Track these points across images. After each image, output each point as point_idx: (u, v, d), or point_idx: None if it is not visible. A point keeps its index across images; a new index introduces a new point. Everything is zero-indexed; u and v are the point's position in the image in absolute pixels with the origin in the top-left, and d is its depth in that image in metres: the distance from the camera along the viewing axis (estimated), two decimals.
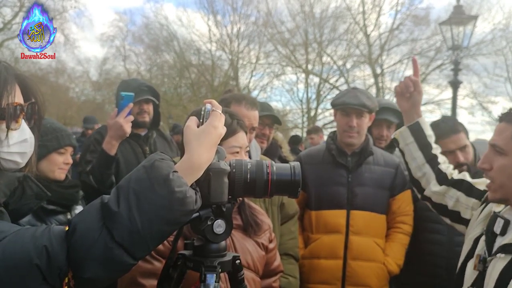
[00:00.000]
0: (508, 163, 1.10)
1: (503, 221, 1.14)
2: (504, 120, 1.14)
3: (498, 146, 1.12)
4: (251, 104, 1.73)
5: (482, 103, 18.07)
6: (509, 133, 1.11)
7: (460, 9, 7.06)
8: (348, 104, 2.01)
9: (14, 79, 0.82)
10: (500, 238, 1.14)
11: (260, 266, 1.23)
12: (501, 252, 1.10)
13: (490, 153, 1.16)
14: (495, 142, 1.13)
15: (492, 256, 1.12)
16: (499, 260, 1.09)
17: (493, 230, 1.16)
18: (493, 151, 1.15)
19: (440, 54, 17.41)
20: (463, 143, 2.01)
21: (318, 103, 19.81)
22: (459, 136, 1.97)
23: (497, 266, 1.09)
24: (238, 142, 1.15)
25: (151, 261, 1.09)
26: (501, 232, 1.13)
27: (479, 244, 1.21)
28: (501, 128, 1.14)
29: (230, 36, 20.30)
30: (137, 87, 2.27)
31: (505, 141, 1.11)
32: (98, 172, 1.95)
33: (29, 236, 0.70)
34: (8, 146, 0.80)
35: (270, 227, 1.33)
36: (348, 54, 19.24)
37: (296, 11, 19.22)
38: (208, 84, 20.37)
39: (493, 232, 1.16)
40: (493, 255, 1.12)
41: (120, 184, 0.75)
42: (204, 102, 0.89)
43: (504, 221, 1.14)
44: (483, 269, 1.13)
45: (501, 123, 1.15)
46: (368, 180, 2.04)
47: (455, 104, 7.17)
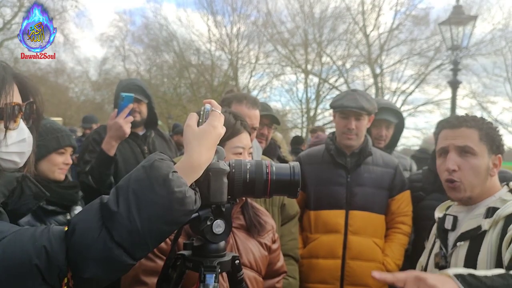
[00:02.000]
0: (479, 163, 1.22)
1: (452, 217, 1.28)
2: (464, 126, 1.26)
3: (470, 148, 1.23)
4: (252, 103, 1.73)
5: (481, 103, 18.11)
6: (476, 137, 1.23)
7: (460, 9, 7.06)
8: (347, 107, 2.01)
9: (12, 79, 0.82)
10: (452, 233, 1.28)
11: (262, 266, 1.24)
12: (460, 241, 1.22)
13: (456, 156, 1.25)
14: (467, 144, 1.23)
15: (452, 249, 1.24)
16: (460, 249, 1.21)
17: (444, 228, 1.30)
18: (460, 153, 1.24)
19: (439, 54, 17.44)
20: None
21: (318, 103, 19.83)
22: None
23: (460, 254, 1.21)
24: (241, 143, 1.15)
25: (153, 259, 1.09)
26: (452, 227, 1.27)
27: (434, 246, 1.34)
28: (465, 133, 1.25)
29: (229, 36, 20.31)
30: (126, 86, 2.26)
31: (475, 143, 1.23)
32: (97, 172, 1.94)
33: (28, 236, 0.70)
34: (6, 146, 0.79)
35: (273, 227, 1.33)
36: (347, 54, 19.26)
37: (296, 11, 19.25)
38: (208, 84, 20.38)
39: (444, 229, 1.30)
40: (453, 248, 1.23)
41: (120, 184, 0.75)
42: (204, 102, 0.88)
43: (453, 218, 1.28)
44: (446, 263, 1.24)
45: (460, 128, 1.26)
46: (367, 180, 2.04)
47: (455, 104, 7.18)
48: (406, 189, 2.11)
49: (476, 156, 1.23)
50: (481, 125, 1.25)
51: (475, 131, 1.24)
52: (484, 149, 1.23)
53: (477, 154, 1.23)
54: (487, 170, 1.23)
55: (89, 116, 7.17)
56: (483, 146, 1.23)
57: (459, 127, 1.26)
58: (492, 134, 1.25)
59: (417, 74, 18.86)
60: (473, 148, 1.23)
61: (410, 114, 18.79)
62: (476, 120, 1.27)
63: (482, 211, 1.20)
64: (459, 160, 1.24)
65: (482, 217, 1.19)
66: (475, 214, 1.22)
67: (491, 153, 1.24)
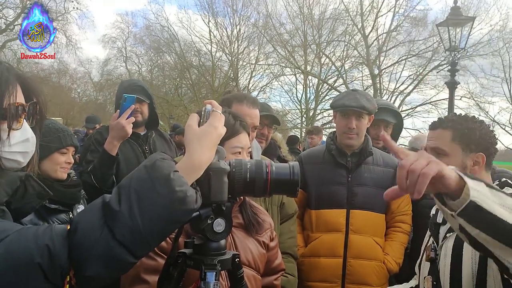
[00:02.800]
0: (451, 162, 1.23)
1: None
2: (440, 127, 1.30)
3: (440, 149, 1.28)
4: (252, 103, 1.74)
5: (479, 103, 18.15)
6: (448, 137, 1.28)
7: (458, 11, 7.09)
8: (348, 106, 2.02)
9: (15, 80, 0.82)
10: (443, 226, 1.31)
11: (261, 264, 1.24)
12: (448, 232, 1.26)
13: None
14: (438, 145, 1.28)
15: (442, 242, 1.28)
16: (449, 240, 1.25)
17: (435, 221, 1.33)
18: (433, 154, 1.25)
19: (437, 55, 17.49)
20: None
21: (317, 104, 19.86)
22: None
23: (448, 244, 1.25)
24: (240, 143, 1.15)
25: (154, 258, 1.09)
26: (442, 221, 1.31)
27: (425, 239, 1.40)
28: (439, 134, 1.30)
29: (230, 38, 20.36)
30: (128, 87, 2.28)
31: (446, 144, 1.28)
32: (99, 172, 1.95)
33: (31, 235, 0.70)
34: (10, 146, 0.80)
35: (271, 225, 1.34)
36: (346, 55, 19.31)
37: (295, 13, 19.31)
38: (209, 85, 20.42)
39: (436, 223, 1.33)
40: (443, 240, 1.27)
41: (122, 183, 0.76)
42: (204, 102, 0.89)
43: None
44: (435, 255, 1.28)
45: (436, 130, 1.31)
46: (368, 180, 2.05)
47: (452, 105, 7.20)
48: None
49: (447, 156, 1.26)
50: (458, 125, 1.28)
51: (449, 132, 1.28)
52: (457, 149, 1.26)
53: (448, 154, 1.26)
54: (463, 169, 1.23)
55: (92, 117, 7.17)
56: (455, 146, 1.26)
57: (436, 128, 1.31)
58: (469, 133, 1.26)
59: (415, 74, 18.92)
60: (443, 149, 1.27)
61: (408, 114, 18.84)
62: (455, 121, 1.30)
63: None
64: None
65: None
66: None
67: (468, 152, 1.26)
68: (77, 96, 23.83)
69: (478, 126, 1.29)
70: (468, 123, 1.29)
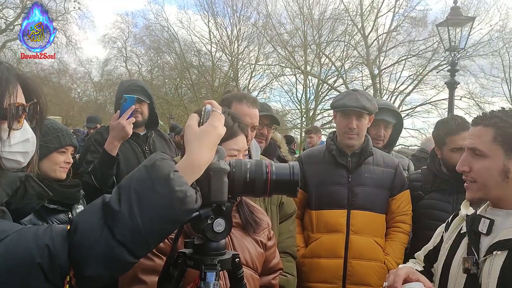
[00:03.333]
0: (490, 165, 1.14)
1: (488, 221, 1.18)
2: (481, 124, 1.17)
3: (478, 150, 1.15)
4: (252, 102, 1.75)
5: (479, 103, 18.15)
6: (489, 137, 1.14)
7: (457, 11, 7.10)
8: (348, 106, 2.02)
9: (16, 80, 0.82)
10: (485, 237, 1.17)
11: (258, 263, 1.24)
12: (497, 249, 1.12)
13: (468, 156, 1.18)
14: (475, 145, 1.16)
15: (486, 256, 1.14)
16: (496, 258, 1.11)
17: (476, 230, 1.19)
18: (471, 154, 1.17)
19: (437, 55, 17.48)
20: None
21: (317, 104, 19.86)
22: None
23: (496, 263, 1.11)
24: (237, 145, 1.15)
25: (152, 258, 1.10)
26: (487, 231, 1.17)
27: (459, 249, 1.24)
28: (479, 132, 1.16)
29: (230, 38, 20.36)
30: (128, 87, 2.28)
31: (485, 144, 1.14)
32: (100, 172, 1.96)
33: (31, 235, 0.71)
34: (10, 146, 0.80)
35: (269, 225, 1.34)
36: (346, 55, 19.31)
37: (295, 13, 19.30)
38: (209, 85, 20.43)
39: (477, 232, 1.19)
40: (488, 255, 1.14)
41: (122, 183, 0.76)
42: (204, 102, 0.89)
43: (489, 221, 1.17)
44: (477, 271, 1.14)
45: (477, 127, 1.18)
46: (368, 180, 2.05)
47: (452, 105, 7.20)
48: (406, 189, 2.13)
49: (487, 158, 1.14)
50: (502, 123, 1.13)
51: (491, 130, 1.13)
52: (498, 150, 1.12)
53: (487, 155, 1.13)
54: (505, 173, 1.12)
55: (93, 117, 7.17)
56: (496, 147, 1.12)
57: (478, 124, 1.17)
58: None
59: (415, 75, 18.93)
60: (481, 149, 1.14)
61: (408, 114, 18.84)
62: (499, 118, 1.15)
63: None
64: (469, 160, 1.17)
65: None
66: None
67: (511, 154, 1.12)
68: (77, 96, 23.87)
69: None
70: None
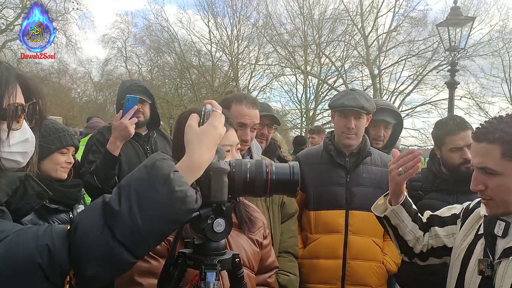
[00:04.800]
0: (505, 182, 1.12)
1: (504, 223, 1.16)
2: (485, 141, 1.13)
3: (489, 169, 1.12)
4: (252, 103, 1.74)
5: (479, 103, 18.17)
6: (497, 154, 1.11)
7: (457, 11, 7.10)
8: (347, 106, 2.02)
9: (15, 80, 0.82)
10: (502, 240, 1.16)
11: (255, 262, 1.24)
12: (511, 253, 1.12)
13: (480, 175, 1.16)
14: (485, 164, 1.13)
15: (501, 259, 1.14)
16: (511, 262, 1.11)
17: (492, 233, 1.18)
18: (482, 173, 1.15)
19: (437, 55, 17.50)
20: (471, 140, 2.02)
21: (317, 104, 19.88)
22: (467, 133, 1.95)
23: (510, 267, 1.10)
24: (228, 140, 1.15)
25: (148, 260, 1.09)
26: (503, 234, 1.16)
27: (476, 250, 1.23)
28: (485, 150, 1.13)
29: (230, 38, 20.38)
30: (129, 87, 2.28)
31: (495, 162, 1.11)
32: (102, 172, 1.95)
33: (31, 235, 0.71)
34: (9, 146, 0.80)
35: (264, 223, 1.34)
36: (346, 55, 19.34)
37: (295, 13, 19.33)
38: (209, 85, 20.44)
39: (493, 234, 1.18)
40: (502, 257, 1.14)
41: (122, 183, 0.76)
42: (204, 102, 0.90)
43: (505, 224, 1.16)
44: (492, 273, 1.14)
45: (481, 144, 1.14)
46: (366, 180, 2.05)
47: (452, 105, 7.21)
48: None
49: (501, 175, 1.10)
50: (508, 137, 1.09)
51: (497, 147, 1.10)
52: (510, 165, 1.09)
53: (500, 173, 1.10)
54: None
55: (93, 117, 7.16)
56: (507, 163, 1.09)
57: (481, 141, 1.13)
58: None
59: (415, 75, 18.95)
60: (493, 168, 1.11)
61: (408, 114, 18.85)
62: (503, 131, 1.10)
63: None
64: (483, 179, 1.15)
65: None
66: None
67: None
68: (77, 96, 23.91)
69: None
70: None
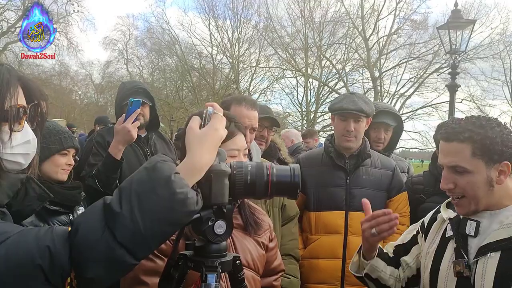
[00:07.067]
0: (475, 179, 1.15)
1: (475, 222, 1.19)
2: (455, 140, 1.15)
3: (460, 167, 1.14)
4: (251, 104, 1.75)
5: (479, 106, 18.17)
6: (467, 153, 1.13)
7: (458, 14, 7.12)
8: (346, 109, 2.04)
9: (17, 81, 0.83)
10: (474, 239, 1.18)
11: (260, 265, 1.24)
12: (489, 251, 1.14)
13: (450, 174, 1.18)
14: (456, 163, 1.15)
15: (478, 257, 1.15)
16: (490, 259, 1.13)
17: (464, 233, 1.20)
18: (453, 171, 1.17)
19: (438, 58, 17.55)
20: None
21: (317, 106, 19.89)
22: None
23: (490, 264, 1.13)
24: (236, 145, 1.15)
25: (153, 260, 1.10)
26: (474, 233, 1.18)
27: (446, 253, 1.24)
28: (455, 149, 1.15)
29: (231, 40, 20.43)
30: (130, 89, 2.28)
31: (466, 160, 1.14)
32: (104, 176, 1.94)
33: (32, 237, 0.71)
34: (11, 148, 0.80)
35: (270, 226, 1.34)
36: (347, 58, 19.39)
37: (296, 15, 19.40)
38: (209, 87, 20.49)
39: (464, 235, 1.20)
40: (479, 256, 1.15)
41: (122, 185, 0.76)
42: (206, 105, 0.90)
43: (476, 223, 1.19)
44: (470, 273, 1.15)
45: (451, 143, 1.16)
46: (366, 182, 2.06)
47: (453, 108, 7.22)
48: (403, 190, 2.14)
49: (471, 173, 1.14)
50: (477, 136, 1.13)
51: (467, 146, 1.13)
52: (480, 164, 1.13)
53: (471, 171, 1.13)
54: (489, 182, 1.14)
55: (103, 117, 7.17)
56: (477, 161, 1.13)
57: (451, 141, 1.16)
58: (489, 144, 1.12)
59: (415, 77, 18.98)
60: (464, 166, 1.14)
61: (409, 117, 18.86)
62: (472, 131, 1.14)
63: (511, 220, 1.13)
64: (453, 177, 1.17)
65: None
66: (504, 223, 1.14)
67: (491, 164, 1.13)
68: (78, 98, 24.01)
69: (498, 132, 1.13)
70: (487, 131, 1.12)
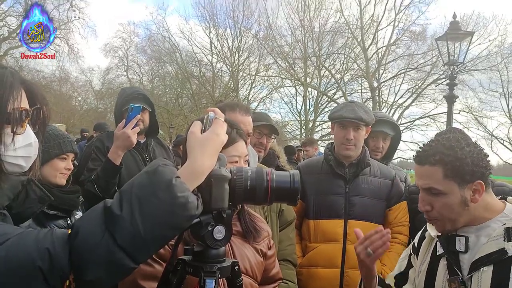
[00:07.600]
0: (449, 201, 1.17)
1: (464, 238, 1.20)
2: (427, 163, 1.18)
3: (434, 189, 1.17)
4: (244, 110, 1.76)
5: (477, 117, 18.27)
6: (439, 175, 1.16)
7: (456, 25, 7.21)
8: (346, 117, 2.05)
9: (20, 85, 0.83)
10: (465, 255, 1.19)
11: (258, 272, 1.24)
12: (482, 265, 1.15)
13: (426, 196, 1.20)
14: (430, 185, 1.17)
15: (471, 273, 1.16)
16: (483, 274, 1.14)
17: (454, 250, 1.21)
18: (428, 193, 1.19)
19: (436, 69, 17.69)
20: None
21: (316, 116, 19.96)
22: None
23: (484, 278, 1.14)
24: (237, 151, 1.16)
25: (152, 264, 1.09)
26: (465, 249, 1.19)
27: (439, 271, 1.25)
28: (428, 172, 1.18)
29: (231, 49, 20.58)
30: (130, 95, 2.29)
31: (439, 182, 1.16)
32: (103, 181, 1.94)
33: (32, 239, 0.71)
34: (14, 150, 0.80)
35: (269, 234, 1.34)
36: (345, 68, 19.53)
37: (296, 25, 19.57)
38: (209, 95, 20.55)
39: (454, 252, 1.21)
40: (473, 272, 1.16)
41: (123, 188, 0.76)
42: (207, 110, 0.91)
43: (464, 238, 1.20)
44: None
45: (424, 166, 1.19)
46: (365, 190, 2.06)
47: (451, 119, 7.25)
48: (403, 200, 2.14)
49: (445, 194, 1.16)
50: (447, 158, 1.15)
51: (439, 169, 1.15)
52: (453, 185, 1.15)
53: (445, 193, 1.16)
54: (464, 202, 1.16)
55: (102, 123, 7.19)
56: (450, 183, 1.15)
57: (424, 164, 1.19)
58: (460, 166, 1.14)
59: (414, 88, 19.10)
60: (438, 188, 1.16)
61: (407, 127, 18.93)
62: (442, 153, 1.16)
63: (499, 232, 1.15)
64: (429, 199, 1.19)
65: (503, 240, 1.13)
66: (493, 236, 1.16)
67: (464, 185, 1.15)
68: (77, 104, 24.05)
69: (468, 152, 1.15)
70: (457, 152, 1.14)
